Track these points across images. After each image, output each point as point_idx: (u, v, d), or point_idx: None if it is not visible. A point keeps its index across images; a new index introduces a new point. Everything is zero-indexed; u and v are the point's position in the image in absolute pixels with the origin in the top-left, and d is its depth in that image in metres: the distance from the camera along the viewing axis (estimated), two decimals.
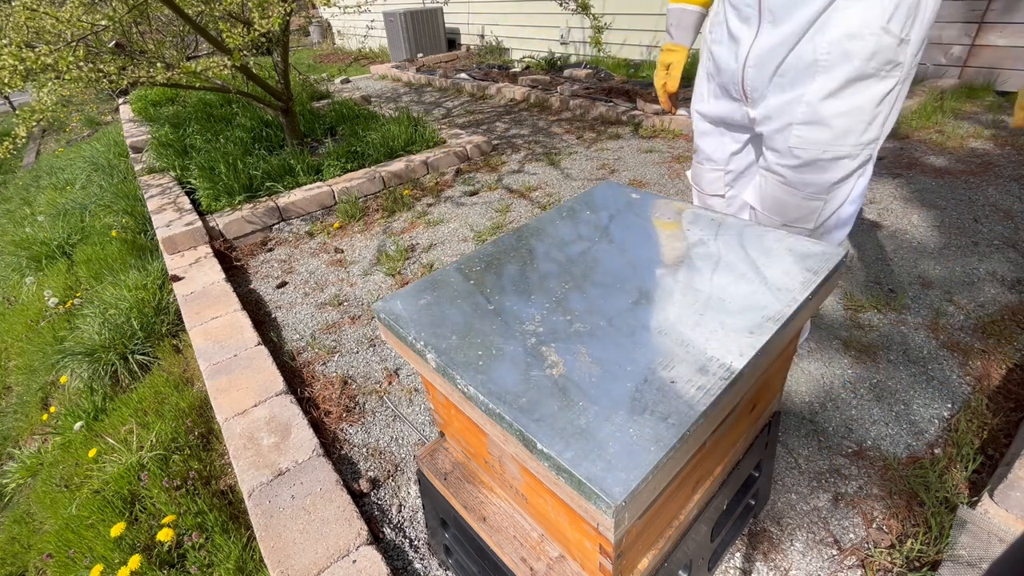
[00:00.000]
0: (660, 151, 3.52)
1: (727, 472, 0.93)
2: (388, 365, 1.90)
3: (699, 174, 1.47)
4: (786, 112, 1.12)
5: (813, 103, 1.07)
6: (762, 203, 1.29)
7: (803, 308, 0.73)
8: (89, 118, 6.70)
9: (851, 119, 1.07)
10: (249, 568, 1.28)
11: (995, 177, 2.70)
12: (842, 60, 1.02)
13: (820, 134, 1.10)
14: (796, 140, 1.13)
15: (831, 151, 1.11)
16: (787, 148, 1.15)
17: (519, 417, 0.60)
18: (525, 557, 0.83)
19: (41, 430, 2.03)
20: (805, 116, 1.09)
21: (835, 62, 1.02)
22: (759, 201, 1.30)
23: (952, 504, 1.22)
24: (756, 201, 1.31)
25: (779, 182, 1.21)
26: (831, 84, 1.04)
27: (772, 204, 1.26)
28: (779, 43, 1.06)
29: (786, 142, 1.14)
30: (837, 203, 1.19)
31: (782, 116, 1.13)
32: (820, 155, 1.12)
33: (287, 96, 3.46)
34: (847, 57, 1.01)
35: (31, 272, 3.09)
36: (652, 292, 0.78)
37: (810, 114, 1.09)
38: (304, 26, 10.94)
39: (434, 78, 6.17)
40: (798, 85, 1.08)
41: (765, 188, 1.26)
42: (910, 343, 1.73)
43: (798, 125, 1.11)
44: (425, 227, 2.85)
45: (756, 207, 1.32)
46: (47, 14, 2.30)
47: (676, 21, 1.31)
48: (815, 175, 1.15)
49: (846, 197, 1.19)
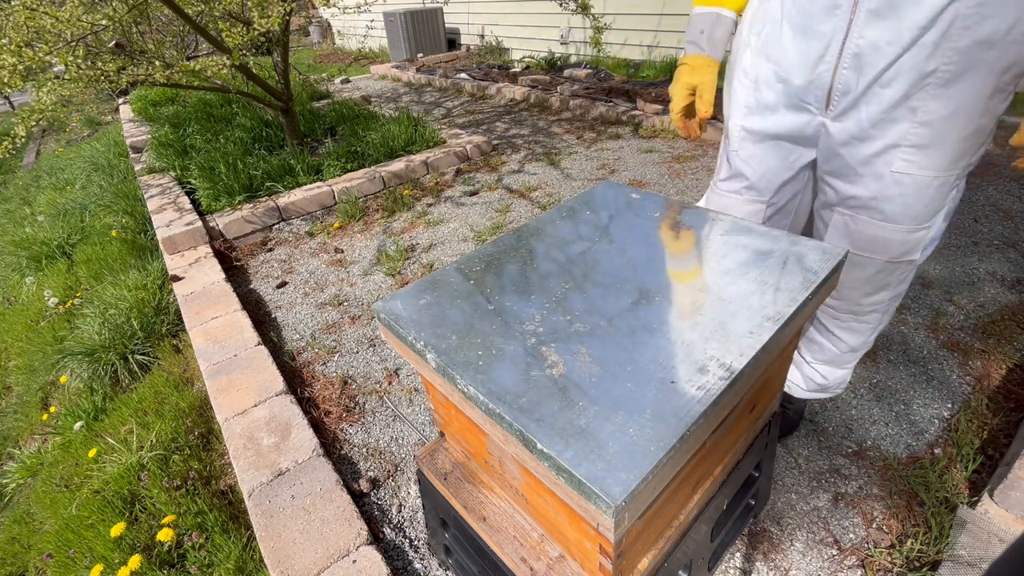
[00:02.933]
0: (660, 151, 3.52)
1: (727, 472, 0.93)
2: (388, 365, 1.90)
3: (730, 206, 1.15)
4: (890, 131, 0.88)
5: (933, 123, 0.85)
6: (854, 245, 1.03)
7: (803, 308, 0.73)
8: (89, 118, 6.70)
9: (972, 141, 0.88)
10: (249, 568, 1.28)
11: (995, 177, 2.69)
12: (970, 73, 0.81)
13: (936, 159, 0.89)
14: (903, 165, 0.90)
15: (942, 177, 0.90)
16: (888, 173, 0.92)
17: (519, 417, 0.60)
18: (525, 557, 0.83)
19: (41, 430, 2.02)
20: (920, 138, 0.87)
21: (962, 73, 0.81)
22: (848, 243, 1.04)
23: (952, 504, 1.22)
24: (841, 244, 1.05)
25: (876, 219, 0.98)
26: (958, 104, 0.83)
27: (870, 244, 1.02)
28: (891, 40, 0.82)
29: (888, 166, 0.91)
30: (940, 224, 1.00)
31: (885, 135, 0.89)
32: (930, 182, 0.91)
33: (287, 96, 3.46)
34: (978, 69, 0.80)
35: (31, 272, 3.09)
36: (652, 292, 0.78)
37: (928, 136, 0.87)
38: (304, 26, 10.94)
39: (434, 78, 6.17)
40: (911, 98, 0.85)
41: (854, 228, 1.01)
42: (910, 343, 1.73)
43: (907, 148, 0.88)
44: (425, 227, 2.85)
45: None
46: (47, 14, 2.30)
47: (707, 30, 1.03)
48: (919, 204, 0.93)
49: (945, 214, 0.99)
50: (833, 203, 1.03)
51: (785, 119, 0.99)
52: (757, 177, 1.09)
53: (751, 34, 0.99)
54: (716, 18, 1.02)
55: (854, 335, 1.18)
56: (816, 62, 0.90)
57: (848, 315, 1.15)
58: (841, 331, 1.18)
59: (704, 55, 1.04)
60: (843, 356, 1.22)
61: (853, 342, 1.19)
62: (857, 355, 1.23)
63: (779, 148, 1.04)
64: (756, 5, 0.98)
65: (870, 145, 0.92)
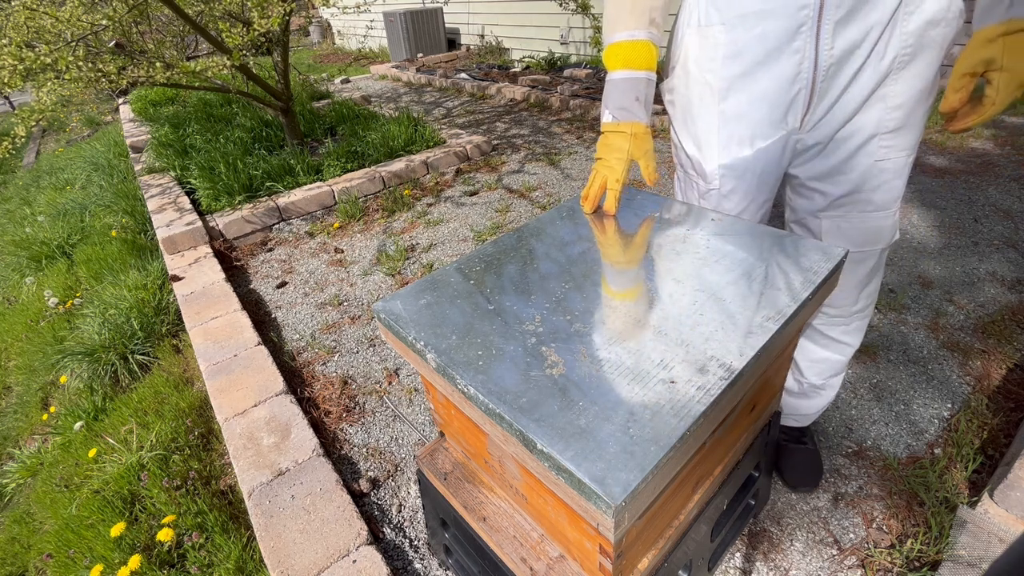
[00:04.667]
0: (660, 151, 3.52)
1: (727, 472, 0.93)
2: (388, 365, 1.90)
3: None
4: (867, 124, 0.91)
5: (904, 104, 0.89)
6: (852, 243, 1.03)
7: (803, 308, 0.73)
8: (89, 118, 6.70)
9: (927, 114, 0.93)
10: (249, 568, 1.28)
11: (995, 177, 2.70)
12: (923, 52, 0.85)
13: (909, 139, 0.93)
14: (883, 152, 0.93)
15: (913, 153, 0.95)
16: (871, 164, 0.94)
17: (519, 417, 0.60)
18: (525, 557, 0.83)
19: (41, 430, 2.02)
20: (896, 122, 0.90)
21: (917, 53, 0.85)
22: (846, 244, 1.04)
23: (952, 504, 1.22)
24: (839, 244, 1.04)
25: (867, 211, 0.99)
26: (919, 82, 0.88)
27: (866, 237, 1.02)
28: (859, 41, 0.84)
29: (871, 157, 0.94)
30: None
31: (863, 129, 0.92)
32: (906, 161, 0.95)
33: (287, 96, 3.46)
34: (929, 47, 0.85)
35: (31, 272, 3.08)
36: (652, 292, 0.78)
37: (901, 118, 0.90)
38: (304, 26, 10.94)
39: (434, 78, 6.17)
40: (880, 87, 0.88)
41: (847, 227, 1.02)
42: (910, 343, 1.73)
43: (885, 135, 0.92)
44: (425, 227, 2.85)
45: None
46: (47, 14, 2.30)
47: (643, 95, 0.94)
48: (899, 184, 0.97)
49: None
50: (820, 208, 1.02)
51: (764, 145, 0.97)
52: (740, 209, 1.06)
53: (705, 72, 0.95)
54: (647, 83, 0.94)
55: (856, 335, 1.18)
56: (790, 83, 0.90)
57: (849, 316, 1.15)
58: (843, 334, 1.18)
59: (641, 122, 0.95)
60: (845, 361, 1.23)
61: (855, 341, 1.19)
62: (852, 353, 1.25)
63: (760, 176, 1.01)
64: (697, 43, 0.95)
65: (851, 142, 0.94)
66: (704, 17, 0.93)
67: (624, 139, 0.94)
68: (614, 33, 0.93)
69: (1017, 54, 0.74)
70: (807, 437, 1.37)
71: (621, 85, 0.93)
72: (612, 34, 0.94)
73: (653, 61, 0.94)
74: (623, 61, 0.92)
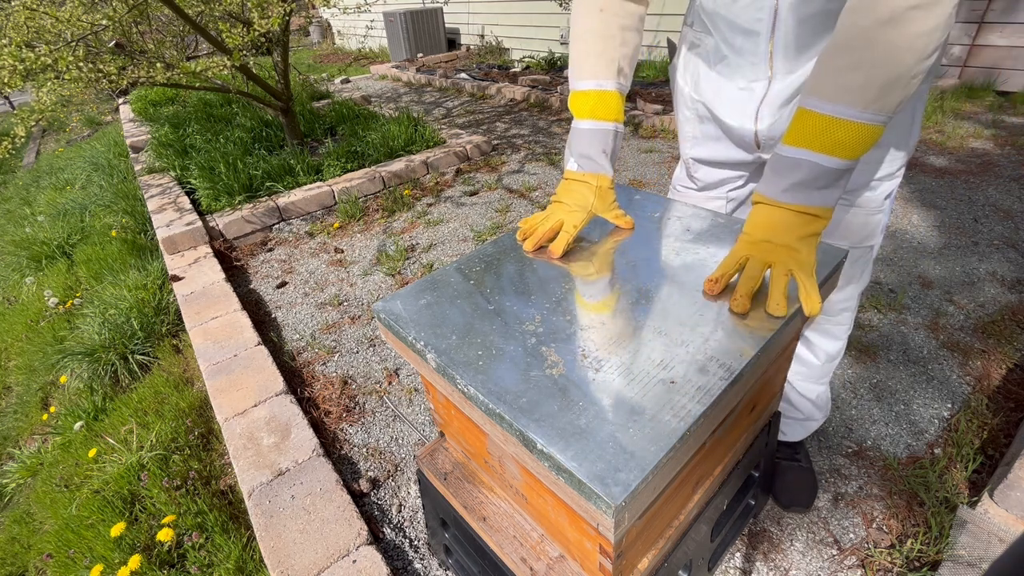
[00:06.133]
0: (660, 151, 3.52)
1: (727, 472, 0.93)
2: (388, 365, 1.90)
3: (698, 201, 1.23)
4: None
5: None
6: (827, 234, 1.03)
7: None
8: (89, 118, 6.70)
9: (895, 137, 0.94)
10: (249, 568, 1.28)
11: (995, 177, 2.70)
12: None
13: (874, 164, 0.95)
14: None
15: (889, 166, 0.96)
16: None
17: (519, 417, 0.60)
18: (525, 557, 0.83)
19: (41, 430, 2.02)
20: None
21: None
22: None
23: (952, 504, 1.22)
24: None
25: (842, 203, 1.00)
26: None
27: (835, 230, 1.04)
28: (796, 90, 0.88)
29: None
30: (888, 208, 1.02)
31: None
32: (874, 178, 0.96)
33: (287, 96, 3.46)
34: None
35: (31, 272, 3.09)
36: (652, 292, 0.78)
37: None
38: (304, 26, 10.94)
39: (434, 78, 6.18)
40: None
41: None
42: (910, 343, 1.73)
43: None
44: (425, 227, 2.85)
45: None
46: (47, 14, 2.30)
47: (609, 147, 0.91)
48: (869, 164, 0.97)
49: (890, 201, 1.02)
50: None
51: (727, 152, 1.05)
52: (713, 180, 1.15)
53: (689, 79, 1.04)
54: (615, 135, 0.92)
55: (831, 340, 1.17)
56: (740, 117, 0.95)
57: (822, 318, 1.14)
58: (818, 337, 1.17)
59: (607, 175, 0.91)
60: (822, 367, 1.20)
61: (831, 348, 1.17)
62: (833, 365, 1.21)
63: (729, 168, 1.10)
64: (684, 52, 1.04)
65: None
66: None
67: (589, 189, 0.91)
68: (580, 80, 0.91)
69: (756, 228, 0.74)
70: (800, 454, 1.35)
71: (587, 135, 0.91)
72: (578, 81, 0.91)
73: (620, 112, 0.92)
74: (590, 111, 0.90)
